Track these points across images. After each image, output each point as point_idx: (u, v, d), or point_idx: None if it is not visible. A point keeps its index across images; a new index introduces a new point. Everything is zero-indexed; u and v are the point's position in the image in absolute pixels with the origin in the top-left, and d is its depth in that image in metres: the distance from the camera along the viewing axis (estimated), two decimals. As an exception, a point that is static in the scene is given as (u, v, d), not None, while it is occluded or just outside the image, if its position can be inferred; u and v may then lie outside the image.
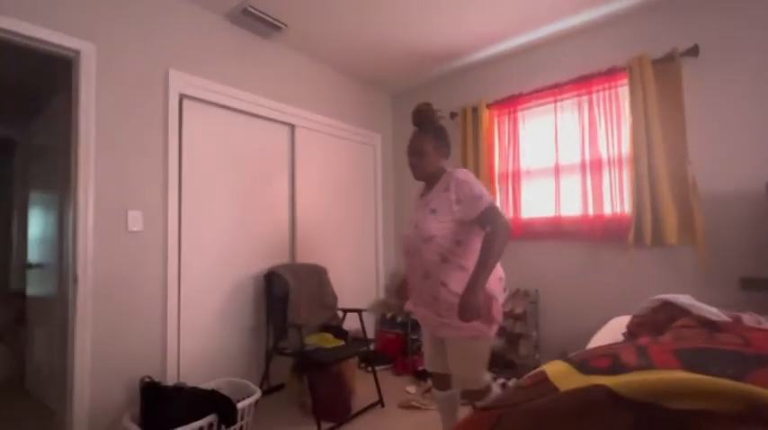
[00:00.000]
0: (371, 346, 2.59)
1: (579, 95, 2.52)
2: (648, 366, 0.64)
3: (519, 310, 2.59)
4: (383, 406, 2.34)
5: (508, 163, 2.84)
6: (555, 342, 2.59)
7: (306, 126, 2.88)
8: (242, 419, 1.92)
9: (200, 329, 2.22)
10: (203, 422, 1.74)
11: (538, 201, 2.76)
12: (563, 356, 2.34)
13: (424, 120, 1.60)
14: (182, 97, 2.18)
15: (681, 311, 1.07)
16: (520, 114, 2.82)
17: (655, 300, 1.22)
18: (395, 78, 3.38)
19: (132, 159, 1.98)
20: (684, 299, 1.12)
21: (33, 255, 2.82)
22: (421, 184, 1.68)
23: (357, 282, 3.26)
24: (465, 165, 3.00)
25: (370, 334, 3.24)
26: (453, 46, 2.85)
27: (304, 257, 2.81)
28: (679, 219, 2.13)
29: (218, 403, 1.85)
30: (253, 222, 2.55)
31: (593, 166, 2.42)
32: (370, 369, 2.52)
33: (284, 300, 2.39)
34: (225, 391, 1.96)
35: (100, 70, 1.87)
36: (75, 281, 1.77)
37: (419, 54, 2.95)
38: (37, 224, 2.82)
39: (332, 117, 3.10)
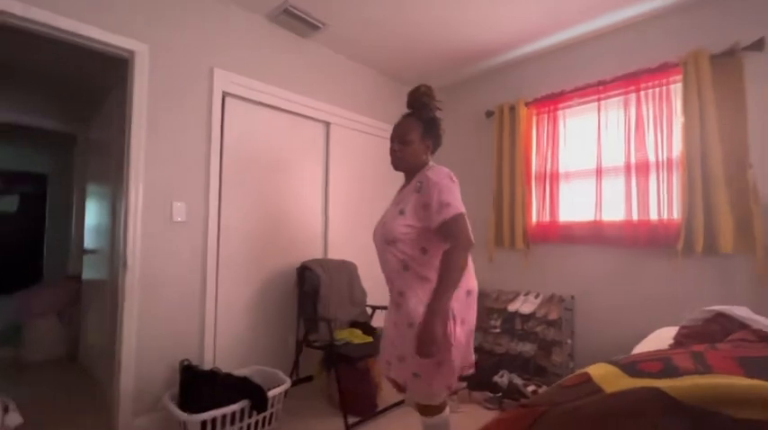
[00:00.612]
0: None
1: (626, 93, 2.39)
2: (706, 371, 0.58)
3: (553, 316, 2.50)
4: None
5: (546, 163, 2.74)
6: (591, 351, 2.48)
7: (340, 123, 2.92)
8: (272, 407, 1.99)
9: (234, 318, 2.31)
10: (236, 407, 1.82)
11: (576, 204, 2.64)
12: (600, 366, 2.21)
13: (419, 104, 1.42)
14: (224, 95, 2.28)
15: (737, 324, 1.00)
16: (560, 113, 2.71)
17: (707, 311, 1.13)
18: (429, 76, 3.36)
19: (177, 153, 2.09)
20: (741, 311, 1.03)
21: (89, 241, 3.05)
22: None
23: (386, 279, 3.27)
24: (500, 166, 2.94)
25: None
26: (491, 43, 2.79)
27: (335, 253, 2.85)
28: (736, 226, 1.97)
29: (251, 390, 1.93)
30: (287, 217, 2.62)
31: (639, 169, 2.29)
32: (397, 367, 2.52)
33: (315, 294, 2.44)
34: (256, 379, 2.04)
35: (151, 69, 1.99)
36: (125, 266, 1.89)
37: (455, 52, 2.91)
38: (92, 213, 3.04)
39: (366, 115, 3.12)
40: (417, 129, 1.38)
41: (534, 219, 2.83)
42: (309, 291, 2.46)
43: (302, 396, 2.39)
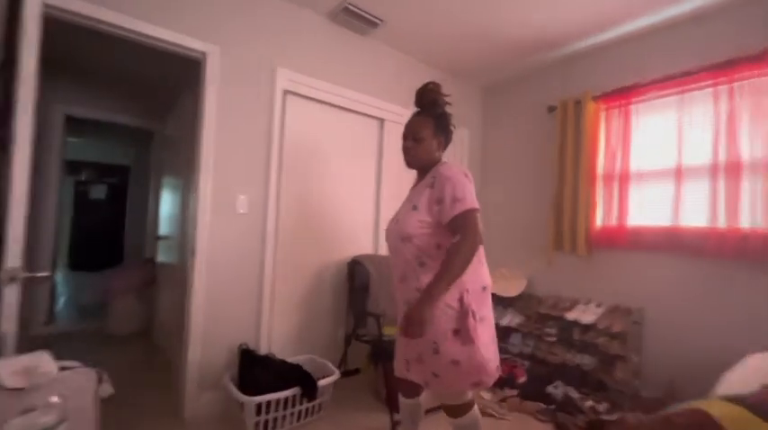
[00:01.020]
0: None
1: (715, 85, 2.12)
2: None
3: (617, 329, 2.31)
4: (456, 407, 2.29)
5: (615, 163, 2.53)
6: (660, 369, 2.26)
7: (394, 120, 2.92)
8: (321, 396, 2.05)
9: (288, 307, 2.41)
10: (289, 392, 1.90)
11: (649, 208, 2.41)
12: (671, 386, 2.03)
13: (428, 101, 1.42)
14: (285, 93, 2.37)
15: None
16: (633, 107, 2.48)
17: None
18: (487, 70, 3.24)
19: (242, 149, 2.21)
20: None
21: (163, 228, 3.35)
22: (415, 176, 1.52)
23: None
24: (562, 165, 2.76)
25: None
26: (555, 33, 2.62)
27: (386, 249, 2.86)
28: None
29: (302, 377, 2.00)
30: (340, 212, 2.67)
31: (730, 170, 2.03)
32: (444, 368, 2.48)
33: (365, 289, 2.47)
34: (307, 368, 2.11)
35: (221, 70, 2.12)
36: (194, 254, 2.04)
37: (517, 43, 2.77)
38: (166, 203, 3.33)
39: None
40: (429, 125, 1.39)
41: (599, 222, 2.63)
42: (359, 286, 2.49)
43: (349, 388, 2.44)
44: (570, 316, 2.53)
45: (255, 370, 1.97)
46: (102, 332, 3.47)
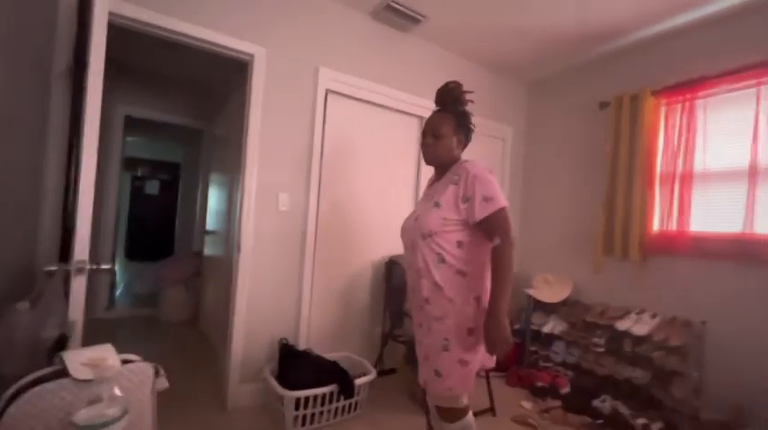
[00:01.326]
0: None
1: (801, 76, 1.89)
2: None
3: (675, 342, 2.13)
4: (494, 414, 2.22)
5: (676, 162, 2.33)
6: (725, 390, 2.06)
7: (435, 118, 2.86)
8: (358, 394, 2.06)
9: (327, 304, 2.44)
10: (326, 389, 1.92)
11: (715, 212, 2.20)
12: (739, 411, 1.86)
13: (449, 99, 1.40)
14: (327, 92, 2.39)
15: None
16: (699, 102, 2.27)
17: None
18: (532, 65, 3.10)
19: (285, 148, 2.25)
20: None
21: (210, 223, 3.51)
22: (432, 172, 1.50)
23: (474, 280, 3.15)
24: (614, 164, 2.59)
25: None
26: (608, 25, 2.45)
27: (423, 249, 2.82)
28: None
29: (339, 375, 2.02)
30: (379, 210, 2.67)
31: (817, 171, 1.80)
32: (482, 373, 2.41)
33: (402, 288, 2.44)
34: (343, 365, 2.13)
35: (267, 71, 2.17)
36: (239, 249, 2.12)
37: (566, 37, 2.62)
38: (213, 199, 3.49)
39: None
40: (450, 123, 1.37)
41: (655, 226, 2.44)
42: (396, 286, 2.48)
43: (385, 387, 2.44)
44: (621, 326, 2.36)
45: (295, 364, 2.02)
46: (154, 318, 3.70)
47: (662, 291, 2.40)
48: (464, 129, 1.40)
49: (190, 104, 3.98)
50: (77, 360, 0.57)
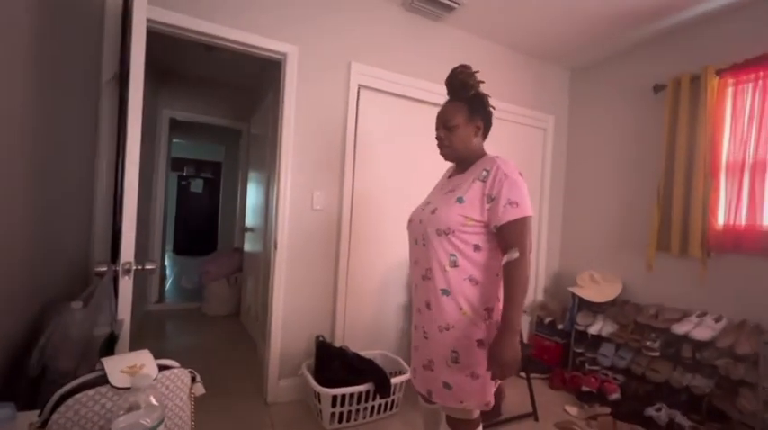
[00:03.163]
0: (527, 351, 2.37)
1: None
2: None
3: (744, 350, 1.92)
4: (537, 420, 2.12)
5: (746, 149, 2.09)
6: (805, 404, 1.84)
7: (470, 110, 2.76)
8: (394, 393, 2.04)
9: (361, 301, 2.43)
10: (362, 387, 1.92)
11: (794, 204, 1.96)
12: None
13: (457, 85, 1.25)
14: (359, 87, 2.36)
15: None
16: (775, 81, 2.02)
17: None
18: (576, 50, 2.89)
19: (318, 146, 2.26)
20: None
21: (249, 220, 3.62)
22: (450, 166, 1.39)
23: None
24: (671, 152, 2.37)
25: (525, 337, 2.98)
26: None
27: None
28: None
29: (375, 373, 2.01)
30: (413, 206, 2.60)
31: None
32: (523, 375, 2.31)
33: (438, 286, 2.39)
34: (379, 362, 2.12)
35: (299, 69, 2.18)
36: (276, 246, 2.15)
37: (617, 15, 2.41)
38: (252, 197, 3.59)
39: (499, 99, 2.87)
40: (461, 111, 1.23)
41: (721, 221, 2.21)
42: (432, 284, 2.42)
43: (421, 386, 2.40)
44: (679, 329, 2.17)
45: (331, 361, 2.03)
46: (199, 312, 3.90)
47: (728, 292, 2.18)
48: (481, 113, 1.25)
49: (229, 105, 4.11)
50: (117, 367, 0.58)
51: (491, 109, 1.27)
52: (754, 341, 1.94)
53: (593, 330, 2.59)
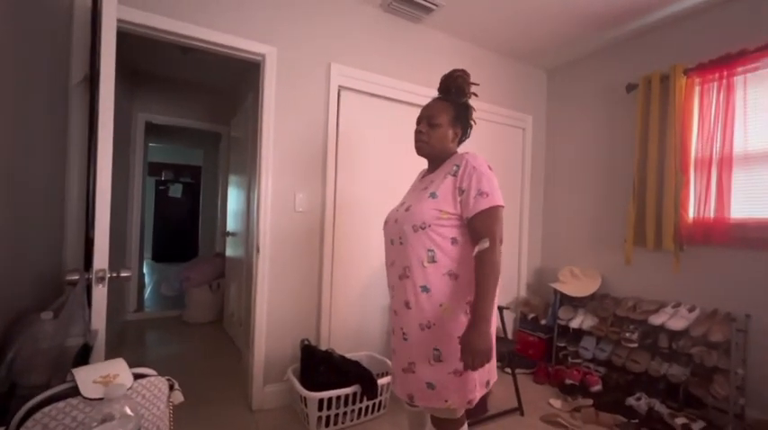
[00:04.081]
0: (511, 347, 2.41)
1: None
2: None
3: (716, 338, 2.01)
4: (522, 414, 2.15)
5: (713, 145, 2.18)
6: (774, 388, 1.93)
7: (451, 110, 2.78)
8: (381, 394, 2.03)
9: (346, 303, 2.42)
10: (349, 390, 1.90)
11: (759, 197, 2.05)
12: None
13: (455, 87, 1.29)
14: (340, 88, 2.35)
15: None
16: (738, 79, 2.11)
17: None
18: (554, 50, 2.96)
19: (299, 148, 2.23)
20: None
21: (230, 225, 3.56)
22: (423, 168, 1.42)
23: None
24: (644, 150, 2.45)
25: (509, 333, 3.02)
26: (633, 1, 2.30)
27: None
28: None
29: (362, 375, 2.00)
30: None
31: None
32: (508, 370, 2.35)
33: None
34: (365, 364, 2.11)
35: (278, 70, 2.15)
36: (258, 250, 2.12)
37: (590, 16, 2.48)
38: (233, 201, 3.53)
39: (479, 99, 2.91)
40: (448, 112, 1.26)
41: (691, 215, 2.29)
42: (417, 283, 2.43)
43: (409, 386, 2.40)
44: (656, 320, 2.25)
45: (317, 365, 2.01)
46: (180, 320, 3.80)
47: (700, 283, 2.27)
48: (462, 122, 1.29)
49: (207, 108, 4.03)
50: (89, 377, 0.55)
51: (472, 122, 1.32)
52: (726, 329, 2.02)
53: (574, 324, 2.64)
